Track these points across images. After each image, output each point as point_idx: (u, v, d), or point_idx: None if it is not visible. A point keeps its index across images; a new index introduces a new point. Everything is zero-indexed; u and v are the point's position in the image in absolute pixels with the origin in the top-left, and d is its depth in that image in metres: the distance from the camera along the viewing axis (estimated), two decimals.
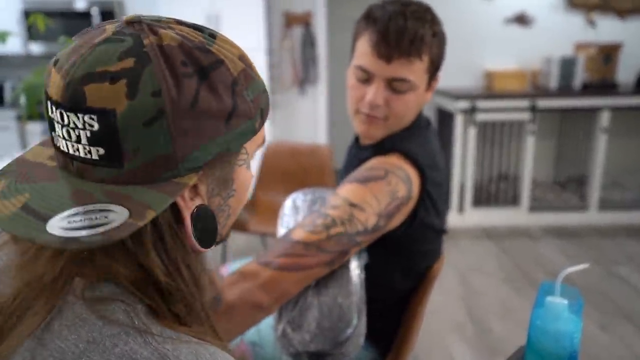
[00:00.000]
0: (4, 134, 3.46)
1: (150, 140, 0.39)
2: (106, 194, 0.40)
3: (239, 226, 2.24)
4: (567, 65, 3.28)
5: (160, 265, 0.42)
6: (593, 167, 3.35)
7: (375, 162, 0.91)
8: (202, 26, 0.45)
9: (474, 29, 3.62)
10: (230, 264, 1.39)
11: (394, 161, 0.91)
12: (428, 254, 1.03)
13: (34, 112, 1.75)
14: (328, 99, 3.84)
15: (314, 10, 3.63)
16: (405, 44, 0.87)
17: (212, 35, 0.45)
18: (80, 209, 0.39)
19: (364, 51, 0.92)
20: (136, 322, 0.40)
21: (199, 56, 0.41)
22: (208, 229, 0.46)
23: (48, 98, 0.41)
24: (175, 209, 0.43)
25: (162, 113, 0.39)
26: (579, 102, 3.22)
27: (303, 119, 3.85)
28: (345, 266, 0.88)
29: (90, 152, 0.40)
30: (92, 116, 0.39)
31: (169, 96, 0.39)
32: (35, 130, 3.45)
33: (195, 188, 0.45)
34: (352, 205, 0.84)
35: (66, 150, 0.41)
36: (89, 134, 0.39)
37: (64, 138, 0.41)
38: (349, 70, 0.98)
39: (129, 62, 0.39)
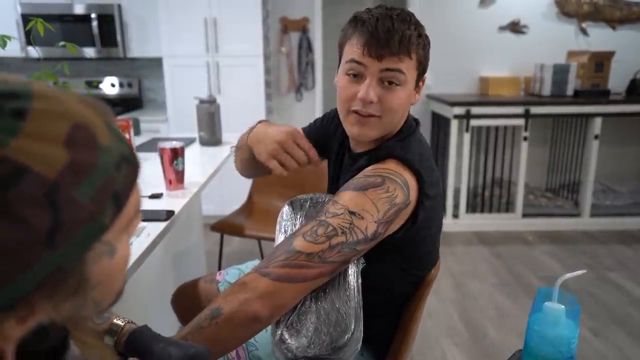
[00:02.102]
0: None
1: None
2: None
3: (235, 230, 2.24)
4: (560, 73, 3.32)
5: None
6: (585, 174, 3.39)
7: (371, 170, 0.92)
8: (8, 94, 0.32)
9: (469, 36, 3.65)
10: (226, 270, 1.39)
11: (391, 167, 0.91)
12: (426, 258, 1.04)
13: None
14: (324, 104, 3.86)
15: (310, 16, 3.65)
16: (394, 43, 0.89)
17: (20, 114, 0.32)
18: None
19: (354, 51, 0.92)
20: None
21: None
22: (52, 339, 0.37)
23: None
24: None
25: None
26: (571, 109, 3.26)
27: (299, 124, 3.85)
28: (344, 272, 0.88)
29: None
30: None
31: None
32: None
33: (31, 315, 0.35)
34: (352, 213, 0.84)
35: None
36: None
37: None
38: (338, 76, 0.98)
39: None
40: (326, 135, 1.17)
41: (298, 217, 0.99)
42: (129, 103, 3.77)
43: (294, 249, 0.82)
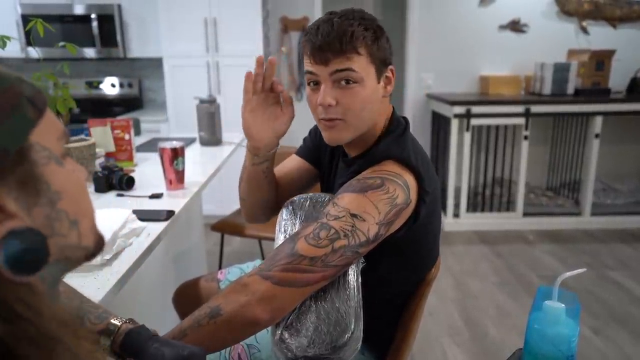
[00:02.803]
0: None
1: None
2: None
3: (236, 230, 2.24)
4: (560, 71, 3.32)
5: None
6: (586, 172, 3.39)
7: (370, 172, 0.92)
8: None
9: (469, 35, 3.65)
10: (227, 269, 1.39)
11: (389, 168, 0.91)
12: (426, 255, 1.04)
13: None
14: None
15: (311, 16, 3.65)
16: (335, 44, 0.90)
17: None
18: None
19: (306, 63, 0.95)
20: None
21: None
22: (25, 253, 0.38)
23: None
24: None
25: None
26: (572, 107, 3.26)
27: (300, 124, 3.86)
28: (344, 272, 0.88)
29: None
30: None
31: None
32: None
33: (1, 208, 0.38)
34: (353, 215, 0.84)
35: None
36: None
37: None
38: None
39: None
40: (316, 147, 1.19)
41: (298, 216, 0.99)
42: (129, 103, 3.77)
43: (297, 253, 0.81)
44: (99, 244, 0.49)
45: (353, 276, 0.89)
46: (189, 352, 0.67)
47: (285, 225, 0.99)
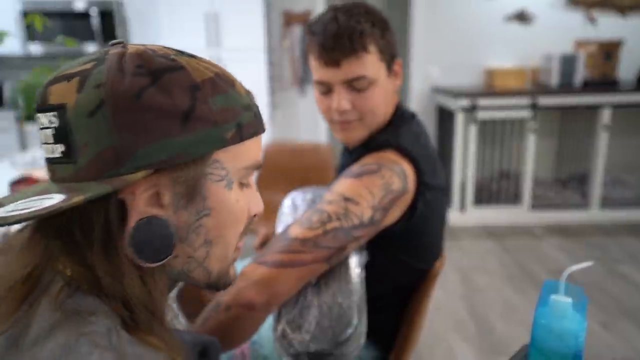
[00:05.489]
0: (4, 135, 3.45)
1: (96, 132, 0.41)
2: (59, 189, 0.42)
3: None
4: (568, 63, 3.27)
5: (104, 263, 0.42)
6: (594, 165, 3.34)
7: (369, 158, 0.92)
8: (182, 50, 0.48)
9: (474, 26, 3.61)
10: None
11: (388, 156, 0.91)
12: (429, 249, 1.02)
13: (33, 113, 1.75)
14: None
15: (313, 10, 3.63)
16: (345, 43, 0.89)
17: (192, 56, 0.47)
18: (28, 199, 0.42)
19: (315, 65, 0.94)
20: (114, 341, 0.40)
21: (157, 61, 0.43)
22: (152, 242, 0.44)
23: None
24: (116, 211, 0.43)
25: (102, 102, 0.41)
26: (579, 99, 3.21)
27: (303, 118, 3.85)
28: (346, 265, 0.87)
29: (54, 150, 0.43)
30: (53, 112, 0.42)
31: (110, 87, 0.41)
32: (35, 131, 3.45)
33: (158, 196, 0.44)
34: (347, 199, 0.84)
35: (45, 155, 0.44)
36: (54, 132, 0.42)
37: (44, 143, 0.44)
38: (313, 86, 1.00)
39: (88, 65, 0.43)
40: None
41: (299, 210, 0.98)
42: None
43: (289, 237, 0.81)
44: (223, 279, 0.51)
45: (356, 271, 0.88)
46: (207, 339, 0.67)
47: (286, 219, 0.98)
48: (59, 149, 0.42)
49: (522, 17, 3.58)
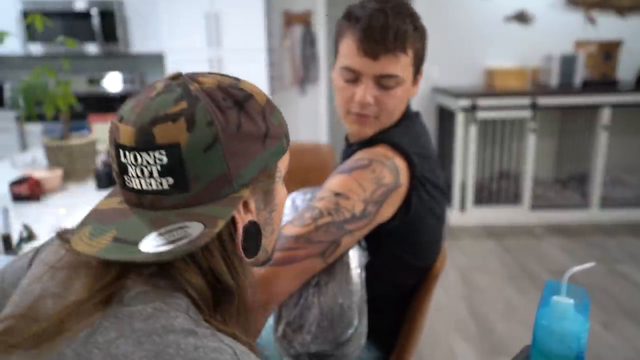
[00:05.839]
0: (4, 136, 3.45)
1: (210, 164, 0.48)
2: (178, 216, 0.48)
3: None
4: (568, 63, 3.27)
5: (225, 270, 0.51)
6: (594, 165, 3.34)
7: (360, 154, 0.92)
8: (226, 74, 0.56)
9: (474, 27, 3.61)
10: None
11: (380, 151, 0.91)
12: (427, 247, 1.02)
13: (33, 113, 1.75)
14: (328, 98, 3.84)
15: (313, 9, 3.63)
16: (389, 40, 0.88)
17: (236, 79, 0.55)
18: (162, 230, 0.47)
19: (349, 51, 0.92)
20: (191, 313, 0.47)
21: (234, 92, 0.51)
22: (254, 241, 0.55)
23: (119, 147, 0.49)
24: (232, 222, 0.52)
25: (217, 139, 0.48)
26: (579, 99, 3.21)
27: (304, 118, 3.85)
28: (346, 265, 0.87)
29: (161, 183, 0.48)
30: (162, 151, 0.47)
31: (219, 125, 0.48)
32: (35, 131, 3.44)
33: (246, 204, 0.53)
34: (337, 194, 0.84)
35: (139, 188, 0.49)
36: (159, 168, 0.48)
37: (137, 177, 0.49)
38: (335, 72, 0.98)
39: (183, 104, 0.48)
40: None
41: (299, 210, 0.98)
42: None
43: (283, 235, 0.82)
44: (271, 257, 0.64)
45: (356, 271, 0.87)
46: None
47: (286, 219, 0.98)
48: (166, 182, 0.48)
49: (522, 17, 3.58)
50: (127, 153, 0.48)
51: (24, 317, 0.48)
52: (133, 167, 0.48)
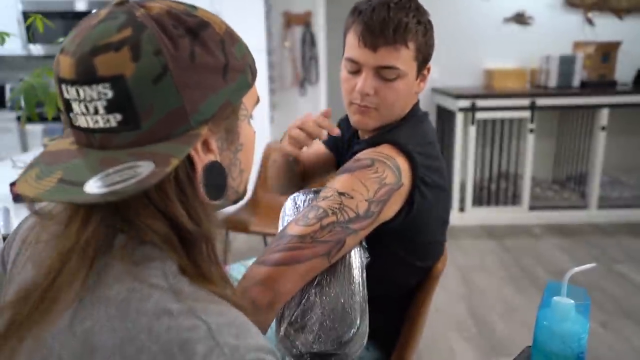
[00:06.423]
0: (5, 136, 3.44)
1: (161, 97, 0.44)
2: (130, 155, 0.44)
3: (240, 226, 2.24)
4: (566, 64, 3.28)
5: (184, 214, 0.47)
6: (592, 165, 3.35)
7: (363, 153, 0.93)
8: (183, 2, 0.51)
9: (473, 28, 3.62)
10: (232, 265, 1.38)
11: (383, 151, 0.92)
12: (429, 248, 1.03)
13: (34, 114, 1.75)
14: (328, 99, 3.84)
15: (313, 10, 3.63)
16: (389, 32, 0.89)
17: (193, 6, 0.50)
18: (110, 170, 0.43)
19: (351, 43, 0.95)
20: (171, 281, 0.45)
21: (187, 19, 0.47)
22: (217, 183, 0.51)
23: (61, 81, 0.45)
24: (190, 162, 0.48)
25: (166, 69, 0.44)
26: (578, 100, 3.22)
27: None
28: (348, 265, 0.87)
29: (108, 120, 0.44)
30: (105, 84, 0.43)
31: (169, 54, 0.44)
32: (36, 132, 3.44)
33: (207, 143, 0.49)
34: (341, 194, 0.84)
35: (86, 125, 0.45)
36: (105, 103, 0.43)
37: (82, 114, 0.45)
38: (342, 65, 1.00)
39: (127, 32, 0.44)
40: (340, 138, 1.20)
41: (300, 211, 0.98)
42: None
43: (287, 234, 0.82)
44: (244, 195, 0.61)
45: (358, 271, 0.88)
46: None
47: (288, 220, 0.98)
48: (114, 119, 0.44)
49: (520, 18, 3.59)
50: (69, 87, 0.44)
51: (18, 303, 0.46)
52: (77, 103, 0.45)
